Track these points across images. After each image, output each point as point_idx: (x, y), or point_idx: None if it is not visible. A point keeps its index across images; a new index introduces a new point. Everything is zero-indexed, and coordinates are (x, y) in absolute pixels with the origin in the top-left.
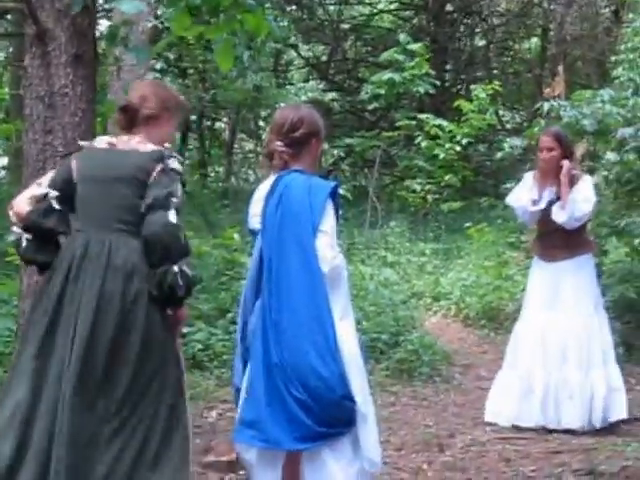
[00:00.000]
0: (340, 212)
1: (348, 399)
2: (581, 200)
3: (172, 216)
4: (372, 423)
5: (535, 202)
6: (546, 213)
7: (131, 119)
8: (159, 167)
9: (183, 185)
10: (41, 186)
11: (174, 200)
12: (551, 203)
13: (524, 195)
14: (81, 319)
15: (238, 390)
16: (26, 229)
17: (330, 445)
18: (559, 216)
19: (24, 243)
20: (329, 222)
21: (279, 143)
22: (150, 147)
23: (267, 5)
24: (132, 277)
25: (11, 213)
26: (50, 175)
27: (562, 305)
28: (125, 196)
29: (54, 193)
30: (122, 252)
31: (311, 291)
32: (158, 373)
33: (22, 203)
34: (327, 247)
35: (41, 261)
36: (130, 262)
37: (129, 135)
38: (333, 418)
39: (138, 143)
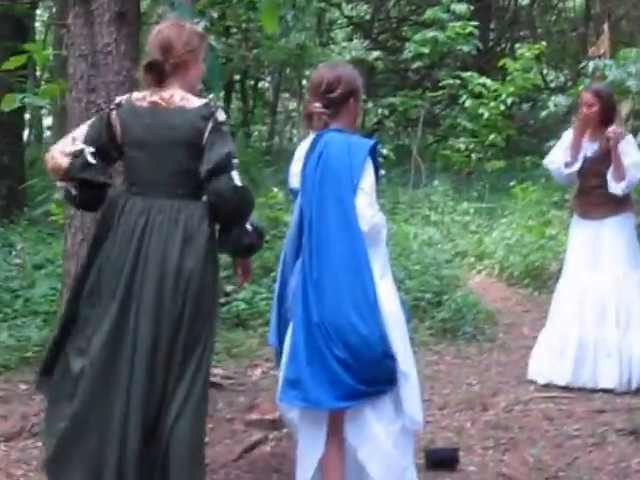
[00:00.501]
0: (380, 171)
1: (389, 357)
2: (632, 166)
3: (237, 178)
4: (414, 381)
5: (568, 164)
6: (585, 170)
7: (159, 74)
8: (210, 125)
9: (232, 135)
10: (76, 142)
11: (235, 160)
12: (589, 160)
13: (559, 157)
14: (146, 289)
15: (276, 350)
16: (69, 181)
17: (372, 404)
18: (617, 189)
19: (73, 192)
20: (369, 180)
21: (317, 104)
22: (195, 102)
23: None
24: (191, 240)
25: (48, 167)
26: (84, 130)
27: (601, 264)
28: (181, 160)
29: (90, 149)
30: (182, 217)
31: (351, 249)
32: (205, 327)
33: (58, 159)
34: (366, 205)
35: (95, 203)
36: (189, 226)
37: (163, 89)
38: (374, 376)
39: (182, 99)
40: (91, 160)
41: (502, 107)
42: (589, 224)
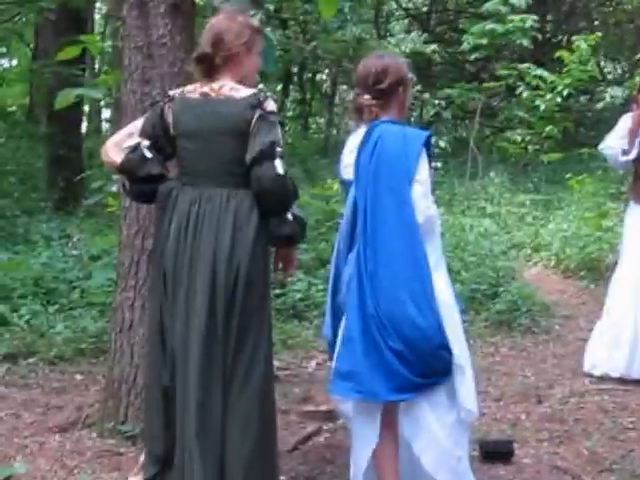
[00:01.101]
0: (433, 163)
1: (445, 349)
2: None
3: (279, 166)
4: (469, 374)
5: (625, 152)
6: None
7: (209, 66)
8: (257, 113)
9: (281, 125)
10: (132, 136)
11: (278, 149)
12: None
13: (616, 143)
14: (200, 275)
15: (330, 342)
16: (124, 174)
17: (426, 395)
18: None
19: (127, 186)
20: (424, 171)
21: (366, 97)
22: (244, 92)
23: None
24: (241, 229)
25: (104, 160)
26: (140, 124)
27: None
28: (230, 149)
29: (146, 142)
30: (232, 205)
31: (407, 241)
32: (255, 318)
33: (113, 153)
34: (421, 197)
35: (149, 195)
36: (239, 215)
37: (215, 81)
38: (430, 368)
39: (231, 90)
40: (147, 154)
41: (558, 99)
42: None
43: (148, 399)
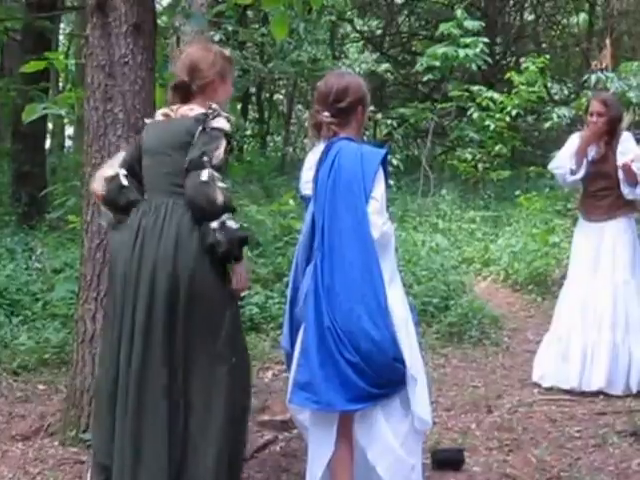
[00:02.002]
0: (389, 180)
1: (399, 361)
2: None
3: (204, 175)
4: (422, 384)
5: (573, 171)
6: (589, 174)
7: (185, 94)
8: (200, 127)
9: (229, 142)
10: (112, 167)
11: (205, 159)
12: (592, 163)
13: (564, 162)
14: (142, 286)
15: (288, 353)
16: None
17: (382, 405)
18: (631, 195)
19: (112, 220)
20: (380, 189)
21: (326, 114)
22: (197, 111)
23: None
24: (182, 239)
25: (92, 189)
26: (121, 156)
27: (602, 269)
28: (176, 161)
29: (123, 171)
30: (175, 216)
31: (363, 256)
32: (205, 325)
33: (97, 185)
34: (377, 213)
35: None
36: (182, 225)
37: (184, 105)
38: (385, 380)
39: (188, 110)
40: (124, 182)
41: (507, 119)
42: (592, 226)
43: (96, 410)
